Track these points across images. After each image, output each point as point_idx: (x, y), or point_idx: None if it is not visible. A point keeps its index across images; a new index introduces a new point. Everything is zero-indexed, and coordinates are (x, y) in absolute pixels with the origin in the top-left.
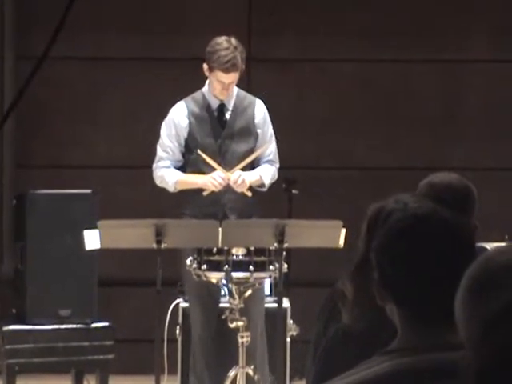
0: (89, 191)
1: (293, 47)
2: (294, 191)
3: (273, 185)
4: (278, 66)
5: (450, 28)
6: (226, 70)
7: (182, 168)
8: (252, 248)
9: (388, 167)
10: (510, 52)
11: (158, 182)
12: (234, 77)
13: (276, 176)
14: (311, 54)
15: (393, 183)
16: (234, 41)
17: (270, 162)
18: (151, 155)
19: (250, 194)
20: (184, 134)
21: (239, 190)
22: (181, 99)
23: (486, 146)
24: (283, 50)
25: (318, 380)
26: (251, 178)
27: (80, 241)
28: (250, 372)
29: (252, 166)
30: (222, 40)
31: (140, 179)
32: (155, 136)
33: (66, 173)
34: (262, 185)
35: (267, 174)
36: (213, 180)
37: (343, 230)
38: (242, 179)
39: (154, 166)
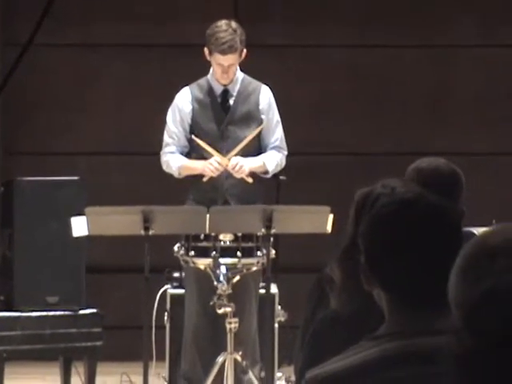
0: (76, 178)
1: (282, 33)
2: (281, 177)
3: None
4: (267, 52)
5: (440, 13)
6: (224, 52)
7: (189, 154)
8: (240, 234)
9: (377, 153)
10: (499, 37)
11: (164, 167)
12: (232, 59)
13: (283, 163)
14: (300, 40)
15: (381, 169)
16: (233, 24)
17: (277, 148)
18: (139, 142)
19: (250, 180)
20: (188, 119)
21: (237, 176)
22: (169, 86)
23: (475, 132)
24: (272, 36)
25: (306, 365)
26: (252, 164)
27: (67, 228)
28: (238, 358)
29: (258, 153)
30: (222, 23)
31: (129, 166)
32: (144, 122)
33: (53, 160)
34: (266, 172)
35: (271, 160)
36: (209, 165)
37: (331, 216)
38: (239, 165)
39: (161, 152)
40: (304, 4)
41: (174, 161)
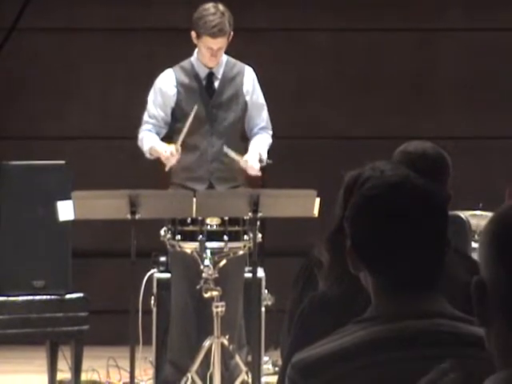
0: (62, 162)
1: (267, 17)
2: (267, 161)
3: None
4: (252, 36)
5: None
6: (214, 35)
7: (171, 138)
8: (226, 218)
9: (361, 137)
10: (484, 21)
11: (139, 144)
12: (221, 42)
13: (271, 142)
14: (285, 24)
15: (366, 153)
16: (221, 7)
17: (264, 129)
18: (125, 126)
19: (259, 173)
20: (171, 103)
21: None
22: (154, 70)
23: (460, 115)
24: (257, 19)
25: (293, 349)
26: (257, 162)
27: (54, 212)
28: (225, 342)
29: (242, 134)
30: (209, 6)
31: (115, 150)
32: (129, 107)
33: (39, 144)
34: (261, 160)
35: (264, 148)
36: (164, 153)
37: (317, 200)
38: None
39: (139, 129)
40: None
41: (146, 140)
